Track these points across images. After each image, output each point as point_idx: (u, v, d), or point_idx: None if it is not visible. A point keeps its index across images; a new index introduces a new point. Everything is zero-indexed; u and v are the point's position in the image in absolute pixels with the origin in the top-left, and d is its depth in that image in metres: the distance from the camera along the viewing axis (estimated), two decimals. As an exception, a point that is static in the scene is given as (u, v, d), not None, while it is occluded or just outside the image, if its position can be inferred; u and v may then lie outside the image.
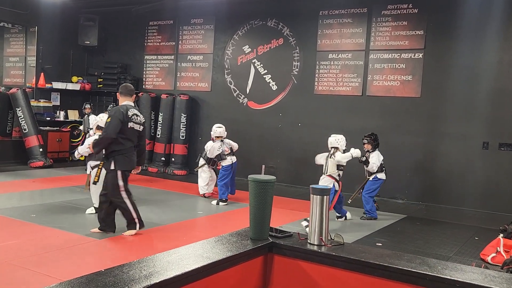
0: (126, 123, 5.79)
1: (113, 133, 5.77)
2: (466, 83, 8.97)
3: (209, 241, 3.40)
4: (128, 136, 5.86)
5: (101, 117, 7.32)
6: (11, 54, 13.56)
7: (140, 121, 6.03)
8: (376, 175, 7.67)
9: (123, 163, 5.85)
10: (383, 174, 7.71)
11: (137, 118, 5.96)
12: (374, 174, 7.68)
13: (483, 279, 2.92)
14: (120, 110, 5.86)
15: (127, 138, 5.86)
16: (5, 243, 5.45)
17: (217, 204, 8.28)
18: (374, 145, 7.74)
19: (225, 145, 8.52)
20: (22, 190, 8.61)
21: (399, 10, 9.54)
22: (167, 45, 12.56)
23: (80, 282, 2.44)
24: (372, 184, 7.66)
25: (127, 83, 6.44)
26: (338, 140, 7.34)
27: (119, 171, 5.82)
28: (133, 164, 5.99)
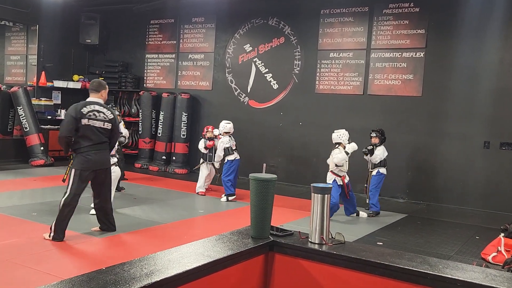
0: (79, 120, 5.41)
1: (64, 131, 5.46)
2: (467, 82, 8.96)
3: (210, 240, 3.40)
4: (83, 134, 5.46)
5: None
6: (12, 53, 13.57)
7: (104, 117, 5.56)
8: (379, 169, 7.90)
9: (79, 162, 5.50)
10: (385, 169, 7.95)
11: (99, 115, 5.52)
12: (377, 169, 7.89)
13: (484, 278, 2.91)
14: (73, 107, 5.53)
15: (83, 136, 5.46)
16: (6, 242, 5.45)
17: (227, 200, 8.40)
18: (381, 139, 7.98)
19: (233, 140, 8.68)
20: (23, 189, 8.61)
21: (400, 9, 9.53)
22: (168, 43, 12.56)
23: (81, 280, 2.43)
24: (377, 179, 7.91)
25: (95, 79, 6.02)
26: (340, 135, 7.42)
27: (73, 169, 5.52)
28: (92, 164, 5.53)
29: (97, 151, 5.56)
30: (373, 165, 7.95)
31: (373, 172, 7.93)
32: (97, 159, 5.57)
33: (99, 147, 5.58)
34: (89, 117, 5.48)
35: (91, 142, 5.51)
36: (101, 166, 5.65)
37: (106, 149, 5.71)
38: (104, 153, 5.67)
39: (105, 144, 5.67)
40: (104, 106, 5.70)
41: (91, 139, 5.51)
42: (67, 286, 2.35)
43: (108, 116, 5.61)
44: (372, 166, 7.96)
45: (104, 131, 5.60)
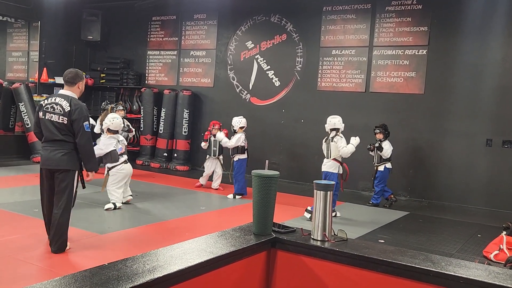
0: (37, 113, 4.98)
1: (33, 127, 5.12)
2: (470, 80, 8.94)
3: (212, 236, 3.39)
4: (42, 129, 4.95)
5: (111, 121, 7.31)
6: (14, 49, 13.58)
7: (60, 110, 4.83)
8: (385, 165, 8.13)
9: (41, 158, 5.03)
10: (390, 163, 8.21)
11: (56, 108, 4.85)
12: (384, 164, 8.08)
13: (487, 276, 2.90)
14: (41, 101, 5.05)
15: (40, 131, 4.99)
16: (8, 238, 5.46)
17: (234, 197, 8.45)
18: (385, 134, 8.12)
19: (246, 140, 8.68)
20: (24, 185, 8.62)
21: (403, 6, 9.51)
22: (170, 40, 12.55)
23: (84, 275, 2.43)
24: (384, 174, 8.17)
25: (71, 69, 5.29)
26: (340, 121, 7.30)
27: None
28: (46, 162, 4.92)
29: (50, 147, 4.89)
30: (379, 160, 8.10)
31: (379, 168, 8.12)
32: (49, 157, 4.87)
33: (53, 144, 4.88)
34: (46, 110, 4.89)
35: (47, 138, 4.93)
36: (53, 166, 4.89)
37: (66, 148, 4.88)
38: (60, 152, 4.86)
39: (61, 142, 4.87)
40: (67, 98, 4.93)
41: (45, 135, 4.93)
42: (70, 281, 2.34)
43: (65, 108, 4.84)
44: (378, 161, 8.11)
45: (60, 126, 4.84)
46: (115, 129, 7.31)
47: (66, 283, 2.32)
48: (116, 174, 7.13)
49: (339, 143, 7.15)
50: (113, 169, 7.14)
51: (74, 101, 4.94)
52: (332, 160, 7.22)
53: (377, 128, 8.20)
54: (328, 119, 7.36)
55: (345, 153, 7.13)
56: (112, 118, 7.31)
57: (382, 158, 8.18)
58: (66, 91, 5.03)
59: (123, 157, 7.22)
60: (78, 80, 5.09)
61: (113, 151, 7.10)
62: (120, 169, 7.16)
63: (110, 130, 7.26)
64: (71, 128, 4.86)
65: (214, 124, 9.11)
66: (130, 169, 7.35)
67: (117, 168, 7.15)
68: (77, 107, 4.89)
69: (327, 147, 7.25)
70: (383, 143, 8.13)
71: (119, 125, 7.36)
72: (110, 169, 7.15)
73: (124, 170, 7.19)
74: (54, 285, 2.30)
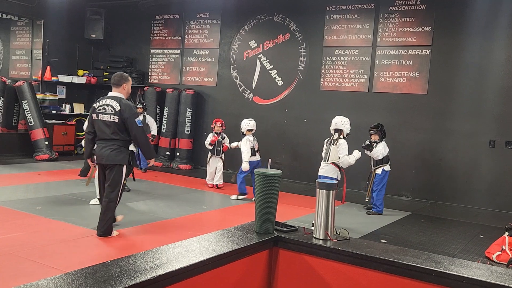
0: (91, 115, 5.50)
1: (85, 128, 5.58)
2: (473, 80, 8.92)
3: (214, 234, 3.40)
4: (95, 129, 5.45)
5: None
6: (17, 47, 13.59)
7: (111, 111, 5.36)
8: (383, 168, 7.68)
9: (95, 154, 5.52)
10: (388, 166, 7.74)
11: (108, 108, 5.37)
12: (381, 167, 7.67)
13: (489, 276, 2.90)
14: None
15: (95, 131, 5.48)
16: (10, 235, 5.47)
17: (237, 198, 8.31)
18: (381, 135, 7.72)
19: (255, 141, 8.46)
20: (27, 183, 8.63)
21: (406, 6, 9.49)
22: (173, 39, 12.56)
23: (87, 272, 2.44)
24: (382, 177, 7.66)
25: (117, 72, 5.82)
26: (344, 122, 6.89)
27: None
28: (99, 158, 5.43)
29: (102, 145, 5.40)
30: (375, 163, 7.73)
31: (377, 171, 7.67)
32: (100, 153, 5.40)
33: (104, 142, 5.39)
34: (98, 111, 5.39)
35: (98, 137, 5.45)
36: (104, 161, 5.41)
37: (114, 145, 5.38)
38: (110, 148, 5.37)
39: (111, 141, 5.38)
40: (117, 99, 5.42)
41: (98, 134, 5.44)
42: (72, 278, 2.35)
43: (115, 108, 5.34)
44: (375, 164, 7.73)
45: (110, 124, 5.34)
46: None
47: (69, 279, 2.33)
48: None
49: (340, 148, 6.74)
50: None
51: (123, 101, 5.43)
52: (330, 163, 6.81)
53: (372, 128, 7.73)
54: (333, 119, 7.00)
55: (344, 163, 6.76)
56: None
57: (377, 161, 7.70)
58: (114, 93, 5.51)
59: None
60: (123, 82, 5.54)
61: None
62: None
63: None
64: (121, 126, 5.36)
65: (216, 122, 9.13)
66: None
67: None
68: (127, 106, 5.40)
69: (327, 149, 6.83)
70: (378, 145, 7.62)
71: None
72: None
73: None
74: (57, 282, 2.31)
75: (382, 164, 7.70)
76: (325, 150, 6.90)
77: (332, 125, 6.99)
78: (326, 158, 6.86)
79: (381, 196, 7.72)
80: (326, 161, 6.84)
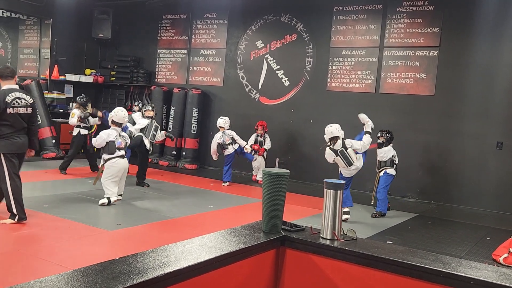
0: (5, 109, 5.55)
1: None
2: (481, 82, 8.88)
3: (221, 233, 3.40)
4: (9, 122, 5.60)
5: (116, 112, 7.38)
6: (25, 46, 13.67)
7: (26, 103, 5.73)
8: (386, 170, 7.73)
9: (4, 146, 5.62)
10: (393, 169, 7.75)
11: (21, 101, 5.67)
12: (384, 170, 7.73)
13: (497, 277, 2.88)
14: None
15: (8, 125, 5.60)
16: (17, 233, 5.50)
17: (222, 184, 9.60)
18: (387, 139, 7.80)
19: (226, 135, 9.52)
20: (34, 181, 8.67)
21: (414, 7, 9.46)
22: (180, 39, 12.58)
23: (95, 269, 2.45)
24: (386, 180, 7.72)
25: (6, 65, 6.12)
26: (338, 128, 7.15)
27: (1, 154, 5.65)
28: (18, 147, 5.71)
29: (20, 135, 5.72)
30: (379, 166, 7.80)
31: (380, 173, 7.78)
32: (19, 143, 5.71)
33: (21, 133, 5.73)
34: (13, 105, 5.60)
35: (14, 129, 5.64)
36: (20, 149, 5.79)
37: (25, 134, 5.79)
38: (25, 137, 5.78)
39: (25, 130, 5.77)
40: (21, 91, 5.87)
41: (15, 126, 5.64)
42: (81, 274, 2.36)
43: (27, 101, 5.76)
44: (379, 166, 7.81)
45: (26, 116, 5.73)
46: (119, 121, 7.34)
47: (78, 276, 2.34)
48: (110, 168, 7.12)
49: (355, 145, 7.17)
50: (108, 162, 7.13)
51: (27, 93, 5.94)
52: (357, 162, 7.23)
53: (380, 131, 7.88)
54: (326, 129, 7.19)
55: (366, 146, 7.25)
56: (116, 111, 7.41)
57: (381, 163, 7.79)
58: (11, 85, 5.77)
59: (120, 152, 7.23)
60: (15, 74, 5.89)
61: (111, 143, 7.14)
62: (114, 162, 7.13)
63: (114, 122, 7.32)
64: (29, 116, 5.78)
65: (258, 125, 10.13)
66: (125, 164, 7.31)
67: (112, 161, 7.13)
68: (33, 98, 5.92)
69: (345, 157, 7.10)
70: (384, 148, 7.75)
71: (122, 118, 7.39)
72: (106, 161, 7.16)
73: (118, 165, 7.16)
74: (66, 278, 2.32)
75: (385, 167, 7.73)
76: (344, 158, 7.13)
77: (327, 135, 7.16)
78: (350, 162, 7.15)
79: (382, 196, 7.71)
80: (353, 163, 7.15)
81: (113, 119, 7.33)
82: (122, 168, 7.26)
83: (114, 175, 7.14)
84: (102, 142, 7.12)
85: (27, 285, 2.19)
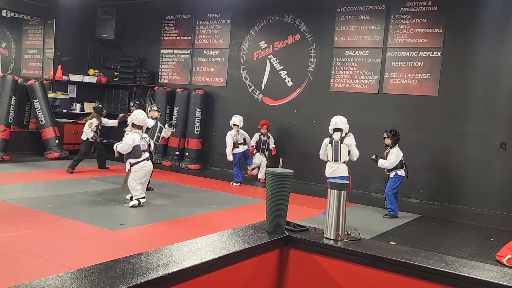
0: None
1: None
2: (484, 82, 8.85)
3: (225, 233, 3.41)
4: None
5: (136, 115, 7.31)
6: (29, 46, 13.69)
7: None
8: (396, 171, 7.63)
9: None
10: (402, 171, 7.68)
11: None
12: (395, 171, 7.63)
13: (502, 278, 2.88)
14: None
15: None
16: (21, 232, 5.51)
17: (232, 184, 9.69)
18: (394, 140, 7.70)
19: (240, 134, 9.67)
20: (38, 181, 8.70)
21: (418, 7, 9.45)
22: (183, 39, 12.59)
23: (99, 269, 2.45)
24: (393, 182, 7.63)
25: None
26: (343, 121, 7.05)
27: None
28: None
29: None
30: (389, 169, 7.70)
31: (390, 174, 7.68)
32: None
33: None
34: None
35: None
36: None
37: None
38: None
39: None
40: None
41: None
42: (86, 274, 2.36)
43: None
44: (388, 170, 7.71)
45: None
46: (140, 124, 7.28)
47: (82, 275, 2.35)
48: (139, 171, 7.13)
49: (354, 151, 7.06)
50: (136, 166, 7.12)
51: None
52: (342, 163, 7.09)
53: (386, 132, 7.76)
54: (332, 119, 7.15)
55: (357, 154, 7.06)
56: (136, 113, 7.32)
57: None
58: None
59: (145, 154, 7.23)
60: None
61: (136, 147, 7.10)
62: (142, 166, 7.17)
63: (135, 125, 7.27)
64: None
65: (263, 124, 10.19)
66: (151, 166, 7.38)
67: (140, 165, 7.15)
68: None
69: (336, 149, 6.97)
70: (391, 151, 7.64)
71: (143, 121, 7.33)
72: (133, 165, 7.15)
73: (146, 167, 7.21)
74: (70, 277, 2.32)
75: (395, 169, 7.64)
76: (334, 150, 6.94)
77: (331, 125, 7.12)
78: (337, 158, 6.89)
79: (392, 199, 7.64)
80: (338, 160, 6.91)
81: (134, 122, 7.25)
82: (150, 171, 7.32)
83: (142, 178, 7.19)
84: (129, 148, 7.06)
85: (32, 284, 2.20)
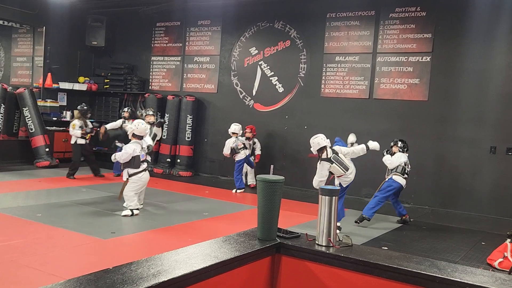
0: None
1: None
2: (474, 87, 8.92)
3: (216, 241, 3.38)
4: None
5: (136, 125, 7.25)
6: (18, 54, 13.63)
7: None
8: (392, 176, 7.56)
9: None
10: (399, 177, 7.55)
11: None
12: (391, 175, 7.57)
13: (493, 282, 2.88)
14: None
15: None
16: (10, 242, 5.45)
17: (235, 191, 9.63)
18: (399, 147, 7.78)
19: (239, 140, 9.66)
20: (28, 190, 8.62)
21: (407, 13, 9.52)
22: (174, 46, 12.58)
23: (88, 279, 2.42)
24: (386, 185, 7.54)
25: None
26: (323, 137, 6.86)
27: None
28: None
29: None
30: (388, 172, 7.68)
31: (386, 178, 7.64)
32: None
33: None
34: None
35: None
36: None
37: None
38: None
39: None
40: None
41: None
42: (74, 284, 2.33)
43: None
44: (388, 173, 7.69)
45: None
46: (140, 134, 7.21)
47: (71, 286, 2.32)
48: (137, 182, 7.08)
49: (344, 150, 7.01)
50: (134, 176, 7.07)
51: None
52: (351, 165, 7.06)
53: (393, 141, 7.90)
54: (311, 141, 6.85)
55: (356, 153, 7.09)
56: (137, 123, 7.25)
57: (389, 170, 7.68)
58: None
59: (144, 164, 7.18)
60: None
61: (137, 157, 7.05)
62: (141, 177, 7.13)
63: (135, 135, 7.19)
64: None
65: (247, 128, 10.14)
66: (148, 177, 7.33)
67: (138, 176, 7.10)
68: None
69: (340, 162, 6.77)
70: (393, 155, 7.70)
71: (143, 131, 7.26)
72: (131, 176, 7.09)
73: (143, 179, 7.17)
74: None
75: (393, 174, 7.59)
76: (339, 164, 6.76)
77: (314, 147, 6.80)
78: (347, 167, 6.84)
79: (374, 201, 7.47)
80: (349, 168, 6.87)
81: (134, 132, 7.16)
82: (146, 182, 7.27)
83: (139, 189, 7.14)
84: (128, 158, 7.00)
85: (20, 296, 2.16)
